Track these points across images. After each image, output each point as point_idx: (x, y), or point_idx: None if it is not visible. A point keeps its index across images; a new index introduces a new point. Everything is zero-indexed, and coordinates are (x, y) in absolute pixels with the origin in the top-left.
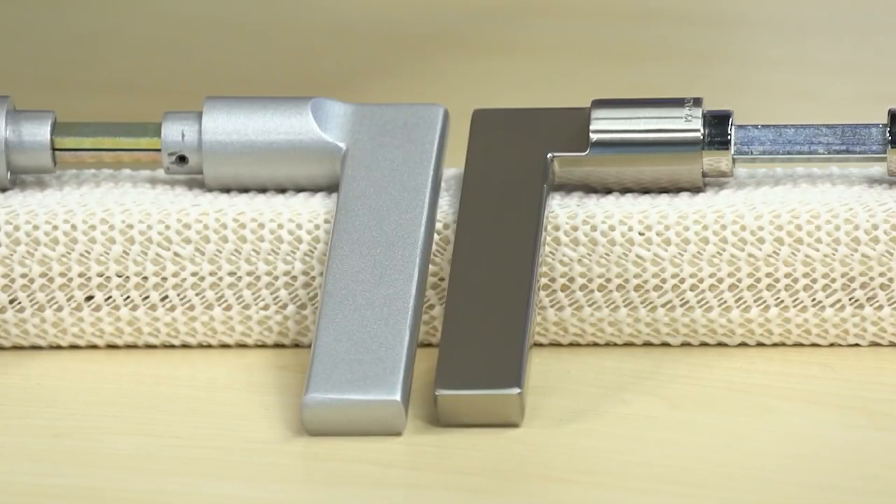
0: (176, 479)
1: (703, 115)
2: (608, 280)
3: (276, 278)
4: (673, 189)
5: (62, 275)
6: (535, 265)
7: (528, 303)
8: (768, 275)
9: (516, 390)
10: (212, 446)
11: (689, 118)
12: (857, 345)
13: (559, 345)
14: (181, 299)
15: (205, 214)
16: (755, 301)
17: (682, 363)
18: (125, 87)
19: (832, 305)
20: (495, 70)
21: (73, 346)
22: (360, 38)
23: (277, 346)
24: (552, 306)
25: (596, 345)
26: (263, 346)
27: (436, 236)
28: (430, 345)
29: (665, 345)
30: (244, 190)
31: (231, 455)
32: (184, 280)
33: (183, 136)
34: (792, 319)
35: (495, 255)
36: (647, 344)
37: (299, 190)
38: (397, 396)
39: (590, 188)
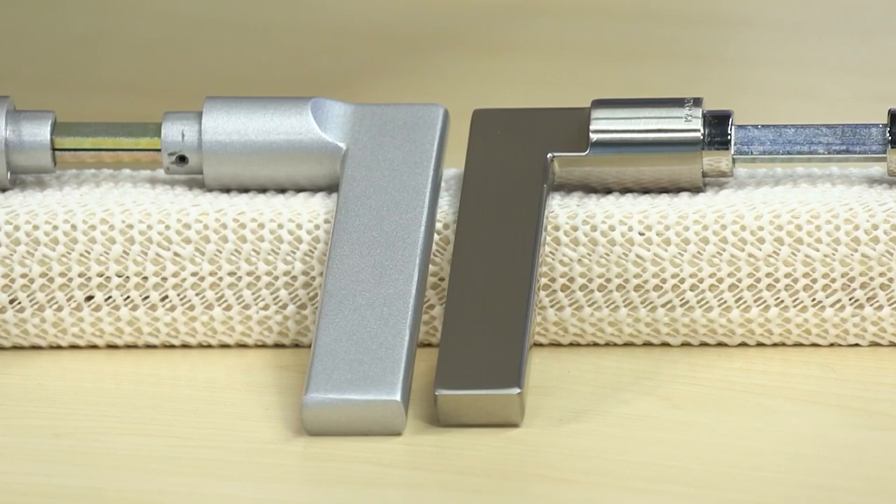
0: (176, 479)
1: (703, 115)
2: (608, 280)
3: (276, 278)
4: (673, 189)
5: (62, 275)
6: (535, 265)
7: (527, 303)
8: (768, 275)
9: (516, 390)
10: (212, 446)
11: (689, 118)
12: (857, 345)
13: (559, 345)
14: (181, 299)
15: (205, 214)
16: (755, 301)
17: (681, 363)
18: (125, 87)
19: (832, 305)
20: (495, 70)
21: (73, 346)
22: (360, 38)
23: (277, 346)
24: (552, 306)
25: (596, 345)
26: (263, 346)
27: (436, 236)
28: (430, 345)
29: (665, 345)
30: (244, 190)
31: (231, 455)
32: (184, 280)
33: (183, 136)
34: (792, 319)
35: (495, 255)
36: (647, 344)
37: (299, 190)
38: (397, 396)
39: (590, 188)
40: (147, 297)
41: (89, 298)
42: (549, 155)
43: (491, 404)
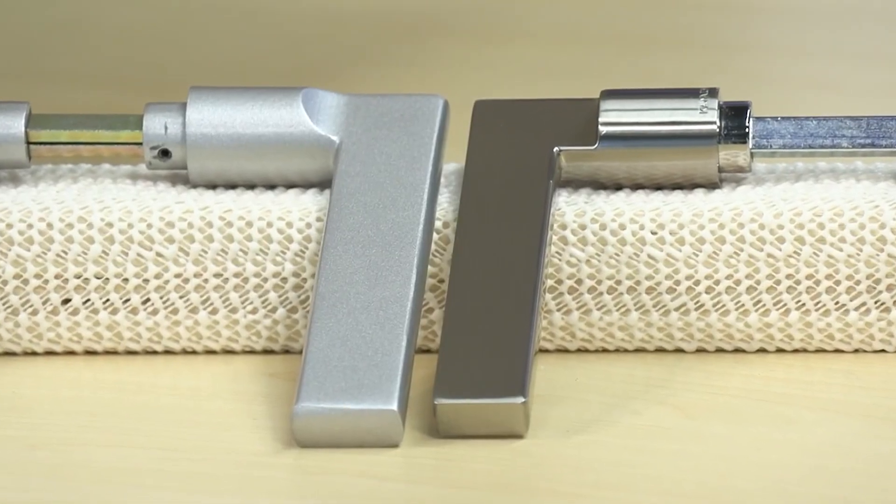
0: (159, 493)
1: (720, 107)
2: (618, 282)
3: (265, 280)
4: (687, 185)
5: (37, 276)
6: (541, 266)
7: (533, 306)
8: (789, 276)
9: (520, 399)
10: (197, 459)
11: (705, 110)
12: (882, 351)
13: (566, 351)
14: (164, 302)
15: (189, 212)
16: (775, 304)
17: (696, 370)
18: (104, 77)
19: (856, 309)
20: (498, 58)
21: (50, 353)
22: (355, 25)
23: (266, 352)
24: (559, 310)
25: (605, 351)
26: (251, 352)
27: (435, 235)
28: (428, 351)
29: (679, 351)
30: (231, 186)
31: (217, 468)
32: (167, 282)
33: (166, 128)
34: (814, 324)
35: (498, 256)
36: (660, 350)
37: (290, 186)
38: (394, 406)
39: (599, 184)
40: (128, 301)
41: (66, 301)
42: (556, 149)
43: (494, 414)
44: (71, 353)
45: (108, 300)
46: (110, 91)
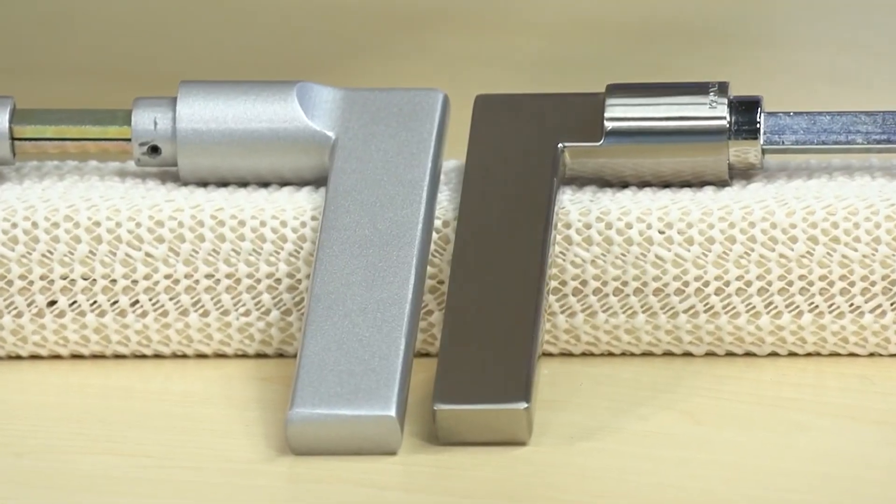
0: (148, 501)
1: (730, 102)
2: (625, 283)
3: (259, 281)
4: (696, 183)
5: (22, 277)
6: (545, 267)
7: (536, 308)
8: (801, 277)
9: (523, 405)
10: (188, 466)
11: (714, 104)
12: None
13: (570, 354)
14: (153, 304)
15: (179, 211)
16: (787, 306)
17: (705, 375)
18: (91, 71)
19: (872, 311)
20: (500, 51)
21: (35, 357)
22: (351, 16)
23: (259, 355)
24: (563, 312)
25: (611, 354)
26: (244, 355)
27: (434, 235)
28: (427, 354)
29: (687, 354)
30: (223, 184)
31: (209, 476)
32: (156, 283)
33: (155, 124)
34: (827, 327)
35: (500, 256)
36: (668, 354)
37: (284, 184)
38: (392, 412)
39: (604, 182)
40: (116, 302)
41: (52, 303)
42: (560, 145)
43: (495, 420)
44: (57, 356)
45: (95, 302)
46: (97, 85)
